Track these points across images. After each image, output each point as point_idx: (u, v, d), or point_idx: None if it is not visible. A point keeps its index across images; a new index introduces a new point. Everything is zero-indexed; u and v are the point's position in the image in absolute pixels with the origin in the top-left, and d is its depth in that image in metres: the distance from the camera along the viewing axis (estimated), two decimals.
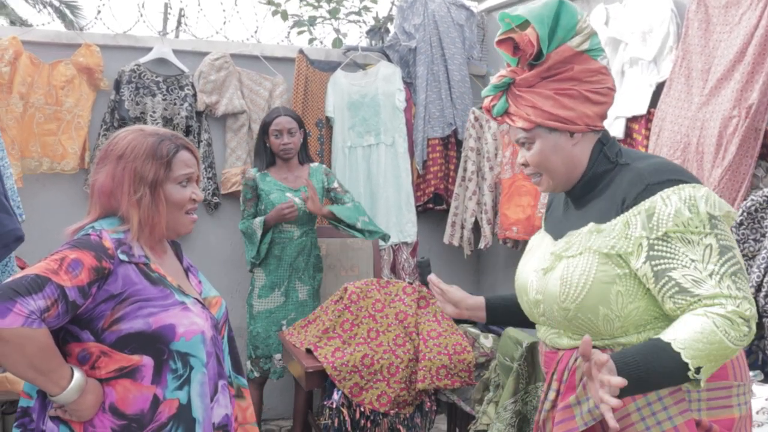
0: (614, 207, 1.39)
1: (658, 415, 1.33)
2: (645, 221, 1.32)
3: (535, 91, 1.45)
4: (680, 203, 1.30)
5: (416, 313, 2.87)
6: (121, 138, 1.52)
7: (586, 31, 1.44)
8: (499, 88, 1.51)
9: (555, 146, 1.45)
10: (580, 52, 1.43)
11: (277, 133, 3.22)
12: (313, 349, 2.73)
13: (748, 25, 2.48)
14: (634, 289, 1.35)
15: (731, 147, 2.45)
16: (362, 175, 3.91)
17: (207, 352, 1.52)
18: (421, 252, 4.09)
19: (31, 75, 3.40)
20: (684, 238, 1.29)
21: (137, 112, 3.55)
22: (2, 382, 2.58)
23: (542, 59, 1.43)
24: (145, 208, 1.48)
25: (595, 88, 1.43)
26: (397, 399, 2.69)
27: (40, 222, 3.49)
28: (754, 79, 2.44)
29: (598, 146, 1.47)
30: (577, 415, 1.38)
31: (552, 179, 1.49)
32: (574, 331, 1.43)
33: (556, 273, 1.42)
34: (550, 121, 1.43)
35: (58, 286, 1.32)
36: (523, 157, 1.50)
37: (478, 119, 3.80)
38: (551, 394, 1.47)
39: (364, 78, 3.96)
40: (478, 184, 3.82)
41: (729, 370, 1.37)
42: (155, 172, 1.48)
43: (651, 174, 1.36)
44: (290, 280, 3.28)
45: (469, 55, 4.09)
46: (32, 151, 3.44)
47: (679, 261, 1.28)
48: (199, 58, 3.74)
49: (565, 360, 1.46)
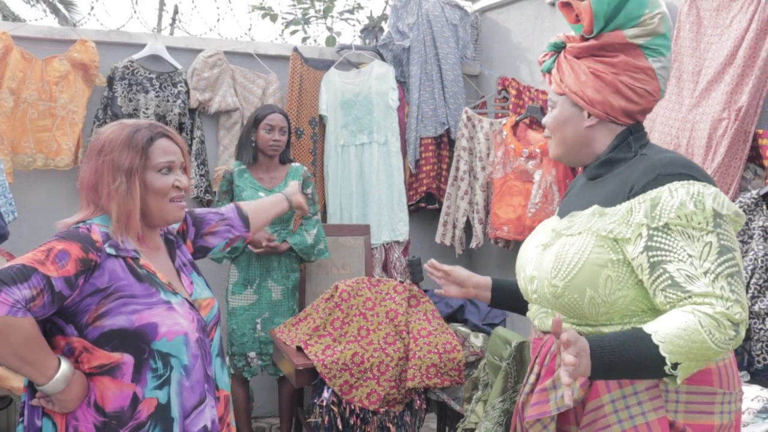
0: (622, 193, 1.38)
1: (631, 409, 1.32)
2: (648, 209, 1.31)
3: (578, 62, 1.46)
4: (686, 196, 1.29)
5: (407, 311, 2.88)
6: (102, 133, 1.54)
7: (649, 27, 1.41)
8: (554, 47, 1.54)
9: (569, 118, 1.48)
10: (633, 45, 1.42)
11: (270, 128, 3.19)
12: (303, 347, 2.73)
13: (738, 28, 2.50)
14: (625, 277, 1.34)
15: (720, 149, 2.47)
16: (355, 174, 3.92)
17: (192, 355, 1.52)
18: (412, 251, 4.10)
19: (23, 70, 3.39)
20: (684, 232, 1.28)
21: (130, 109, 3.54)
22: None
23: (594, 35, 1.44)
24: (121, 196, 1.48)
25: (632, 84, 1.42)
26: (387, 397, 2.69)
27: (31, 218, 3.48)
28: (744, 81, 2.46)
29: (625, 134, 1.46)
30: (552, 399, 1.39)
31: (557, 147, 1.53)
32: (560, 311, 1.43)
33: (553, 249, 1.42)
34: (575, 95, 1.45)
35: (44, 276, 1.33)
36: (548, 117, 1.55)
37: (471, 119, 3.81)
38: (532, 378, 1.48)
39: (358, 77, 3.96)
40: (470, 183, 3.84)
41: (714, 376, 1.35)
42: (131, 161, 1.49)
43: (664, 165, 1.35)
44: (262, 278, 3.26)
45: (463, 55, 4.10)
46: (25, 147, 3.42)
47: (676, 254, 1.27)
48: (192, 55, 3.74)
49: (548, 344, 1.47)
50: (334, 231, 3.63)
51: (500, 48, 4.11)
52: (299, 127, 3.87)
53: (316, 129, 3.93)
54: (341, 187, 3.90)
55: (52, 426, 1.43)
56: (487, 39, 4.27)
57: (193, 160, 3.68)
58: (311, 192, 3.32)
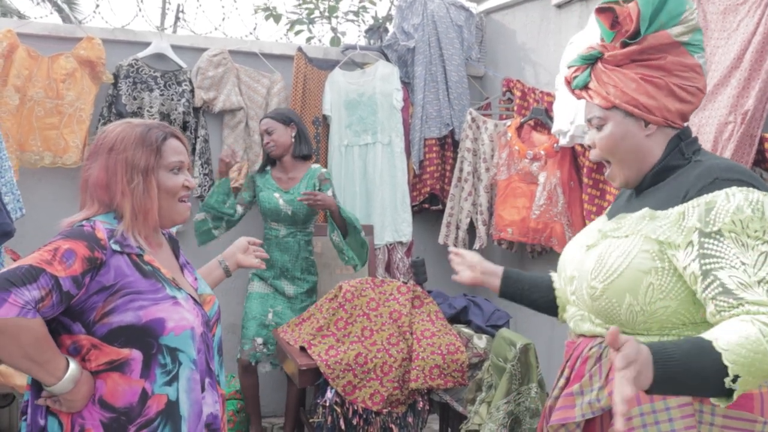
0: (676, 197, 1.32)
1: (661, 425, 1.27)
2: (702, 214, 1.25)
3: (622, 71, 1.39)
4: (744, 202, 1.23)
5: (410, 312, 2.88)
6: (109, 131, 1.54)
7: (691, 23, 1.37)
8: (586, 60, 1.45)
9: (627, 132, 1.40)
10: (677, 43, 1.37)
11: (262, 133, 3.35)
12: (306, 347, 2.73)
13: (745, 31, 2.49)
14: (669, 286, 1.28)
15: (726, 153, 2.47)
16: (358, 174, 3.92)
17: (197, 349, 1.52)
18: (416, 252, 4.09)
19: (29, 68, 3.39)
20: (739, 240, 1.20)
21: (134, 107, 3.54)
22: None
23: (638, 39, 1.37)
24: (138, 195, 1.49)
25: (683, 84, 1.37)
26: (390, 398, 2.69)
27: (38, 216, 3.48)
28: (751, 85, 2.45)
29: (675, 140, 1.40)
30: (577, 405, 1.36)
31: (621, 169, 1.43)
32: (597, 314, 1.38)
33: (596, 250, 1.38)
34: (629, 105, 1.37)
35: (52, 277, 1.33)
36: (592, 139, 1.45)
37: (475, 120, 3.81)
38: (561, 381, 1.45)
39: (362, 77, 3.96)
40: (474, 185, 3.83)
41: (756, 402, 1.27)
42: (146, 159, 1.50)
43: (723, 170, 1.29)
44: (277, 278, 3.34)
45: (468, 56, 4.10)
46: (32, 145, 3.42)
47: (728, 261, 1.20)
48: (197, 53, 3.74)
49: (581, 348, 1.43)
50: None
51: (505, 49, 4.11)
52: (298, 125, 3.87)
53: (319, 129, 3.93)
54: (345, 188, 3.90)
55: (58, 425, 1.43)
56: (492, 40, 4.27)
57: (197, 159, 3.68)
58: (331, 195, 3.27)
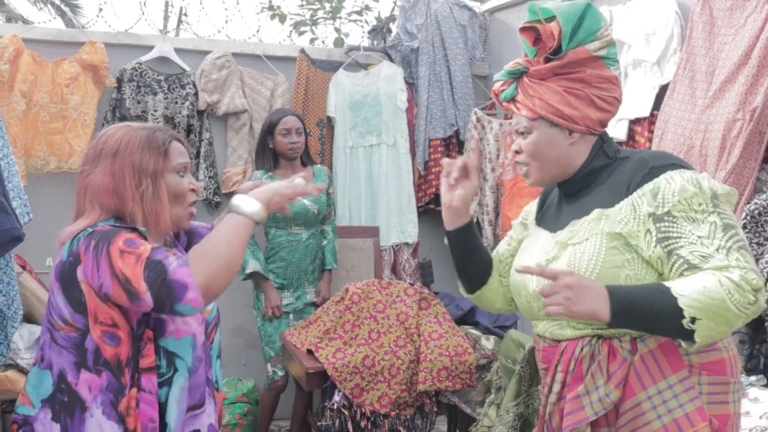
0: (619, 193, 1.42)
1: (669, 403, 1.34)
2: (650, 199, 1.35)
3: (545, 84, 1.48)
4: (684, 181, 1.34)
5: (417, 314, 2.86)
6: (110, 135, 1.49)
7: (606, 39, 1.48)
8: (511, 75, 1.54)
9: (551, 140, 1.49)
10: (595, 57, 1.48)
11: (286, 132, 3.19)
12: (314, 350, 2.72)
13: (753, 27, 2.47)
14: (642, 273, 1.36)
15: (735, 150, 2.45)
16: (363, 176, 3.90)
17: (197, 357, 1.50)
18: (422, 253, 4.08)
19: (34, 73, 3.39)
20: (688, 217, 1.32)
21: (138, 111, 3.54)
22: (2, 381, 2.58)
23: (559, 55, 1.47)
24: (148, 200, 1.46)
25: (602, 94, 1.47)
26: (398, 400, 2.68)
27: (44, 220, 3.48)
28: (759, 81, 2.43)
29: (598, 143, 1.51)
30: (587, 405, 1.38)
31: (540, 171, 1.52)
32: (579, 320, 1.42)
33: (562, 261, 1.43)
34: (553, 116, 1.47)
35: (152, 252, 1.33)
36: (518, 144, 1.54)
37: (480, 120, 3.79)
38: (556, 387, 1.46)
39: (366, 78, 3.95)
40: (480, 185, 3.82)
41: (728, 366, 1.38)
42: (155, 162, 1.47)
43: (653, 159, 1.41)
44: (299, 282, 3.26)
45: (472, 56, 4.08)
46: (38, 149, 3.42)
47: (686, 239, 1.31)
48: (200, 56, 3.73)
49: (570, 350, 1.45)
50: (343, 233, 3.62)
51: (509, 49, 4.09)
52: (306, 129, 3.85)
53: (323, 131, 3.92)
54: (350, 189, 3.89)
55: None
56: (496, 40, 4.25)
57: (202, 162, 3.67)
58: (333, 192, 3.34)
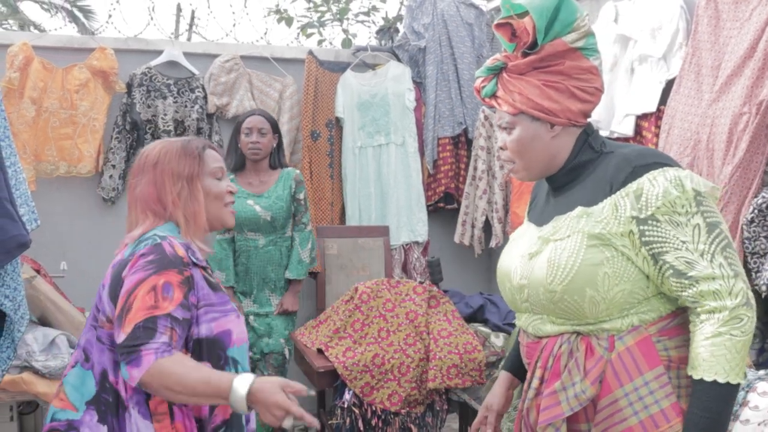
0: (602, 191, 1.42)
1: (645, 399, 1.36)
2: (634, 202, 1.36)
3: (525, 79, 1.48)
4: (667, 183, 1.34)
5: (427, 312, 2.87)
6: (150, 150, 1.62)
7: (582, 30, 1.47)
8: (491, 71, 1.55)
9: (534, 135, 1.49)
10: (573, 49, 1.47)
11: (248, 131, 3.11)
12: (324, 349, 2.74)
13: (758, 20, 2.46)
14: (621, 270, 1.37)
15: (742, 144, 2.44)
16: (373, 175, 3.92)
17: (248, 361, 1.59)
18: (432, 251, 4.09)
19: (44, 80, 3.43)
20: (672, 220, 1.33)
21: (149, 115, 3.58)
22: (18, 383, 2.61)
23: (536, 49, 1.47)
24: (185, 200, 1.57)
25: (582, 85, 1.47)
26: (408, 398, 2.69)
27: (55, 225, 3.53)
28: (765, 75, 2.42)
29: (583, 137, 1.50)
30: (563, 401, 1.40)
31: (527, 167, 1.53)
32: (558, 315, 1.45)
33: (543, 256, 1.44)
34: (534, 110, 1.46)
35: (165, 316, 1.38)
36: (503, 141, 1.54)
37: (488, 118, 3.80)
38: (535, 382, 1.49)
39: (374, 78, 3.97)
40: (489, 182, 3.82)
41: None
42: (190, 167, 1.58)
43: (637, 157, 1.40)
44: (260, 289, 3.17)
45: (479, 54, 4.09)
46: (48, 155, 3.47)
47: (671, 244, 1.32)
48: (209, 60, 3.76)
49: (549, 347, 1.47)
50: (353, 233, 3.64)
51: None
52: (315, 129, 3.88)
53: (332, 131, 3.94)
54: (359, 189, 3.91)
55: None
56: None
57: None
58: (303, 198, 3.21)
